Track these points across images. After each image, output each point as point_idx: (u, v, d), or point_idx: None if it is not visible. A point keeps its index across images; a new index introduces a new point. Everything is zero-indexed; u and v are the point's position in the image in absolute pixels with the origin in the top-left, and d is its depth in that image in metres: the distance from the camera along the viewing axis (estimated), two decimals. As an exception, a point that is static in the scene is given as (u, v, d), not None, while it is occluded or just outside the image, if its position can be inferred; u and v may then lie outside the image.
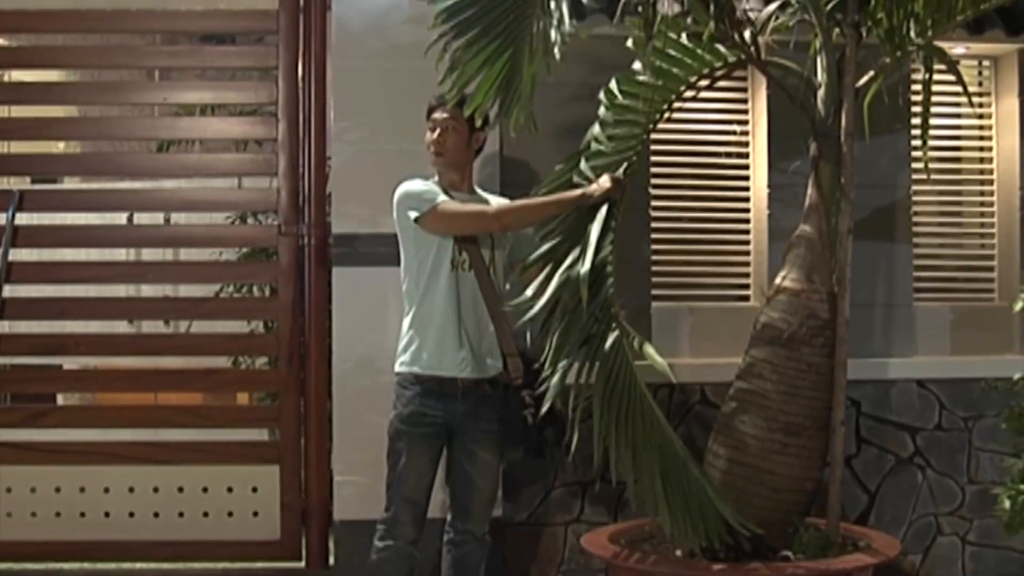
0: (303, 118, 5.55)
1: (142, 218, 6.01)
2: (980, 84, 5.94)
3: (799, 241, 4.73)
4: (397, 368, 4.66)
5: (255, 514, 5.56)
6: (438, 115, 4.65)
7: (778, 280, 4.74)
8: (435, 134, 4.65)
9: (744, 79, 5.74)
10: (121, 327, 5.99)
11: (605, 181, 4.58)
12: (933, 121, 5.76)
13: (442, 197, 4.56)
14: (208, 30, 5.82)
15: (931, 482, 5.69)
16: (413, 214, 4.54)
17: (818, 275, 4.66)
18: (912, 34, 4.70)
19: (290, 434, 5.54)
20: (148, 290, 6.37)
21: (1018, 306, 4.96)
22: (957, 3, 4.60)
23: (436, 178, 4.70)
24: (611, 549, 4.71)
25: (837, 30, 4.66)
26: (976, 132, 5.95)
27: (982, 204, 6.00)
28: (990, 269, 5.98)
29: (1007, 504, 4.60)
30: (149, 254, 6.38)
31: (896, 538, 5.23)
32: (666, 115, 4.83)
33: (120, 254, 6.20)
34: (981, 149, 5.98)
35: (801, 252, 4.71)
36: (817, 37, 4.71)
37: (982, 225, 6.00)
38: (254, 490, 5.55)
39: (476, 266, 4.62)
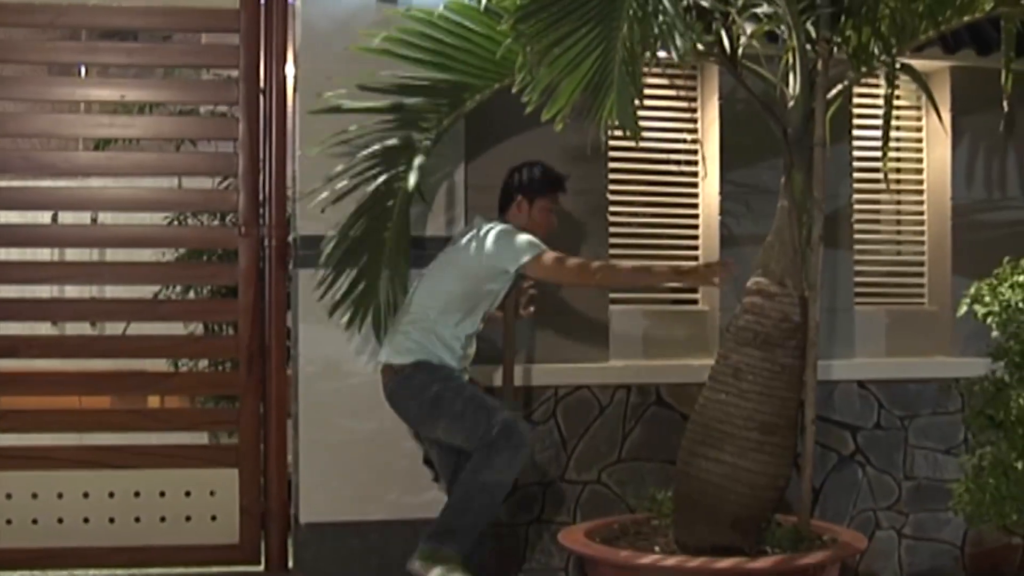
0: (264, 119, 5.51)
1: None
2: (919, 98, 6.22)
3: (771, 246, 4.89)
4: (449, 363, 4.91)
5: (213, 518, 5.47)
6: (556, 198, 5.07)
7: (751, 284, 4.90)
8: (554, 220, 5.08)
9: (694, 88, 5.93)
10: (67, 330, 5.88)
11: (710, 269, 4.87)
12: (869, 133, 6.09)
13: (537, 248, 4.83)
14: (167, 28, 5.74)
15: (870, 478, 5.94)
16: (525, 258, 4.80)
17: (790, 280, 4.83)
18: (877, 51, 4.92)
19: (249, 437, 5.48)
20: (73, 292, 6.24)
21: (962, 310, 5.22)
22: (920, 24, 4.83)
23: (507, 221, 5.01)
24: (592, 546, 4.82)
25: (809, 45, 4.85)
26: (910, 144, 6.23)
27: (914, 213, 6.28)
28: (921, 275, 6.26)
29: (967, 498, 4.85)
30: (75, 254, 6.27)
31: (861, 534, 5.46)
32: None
33: (68, 254, 6.07)
34: (913, 161, 6.26)
35: (774, 257, 4.87)
36: (789, 51, 4.89)
37: (913, 233, 6.28)
38: (212, 494, 5.47)
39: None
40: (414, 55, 5.00)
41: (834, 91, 4.92)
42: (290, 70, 5.52)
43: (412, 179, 4.99)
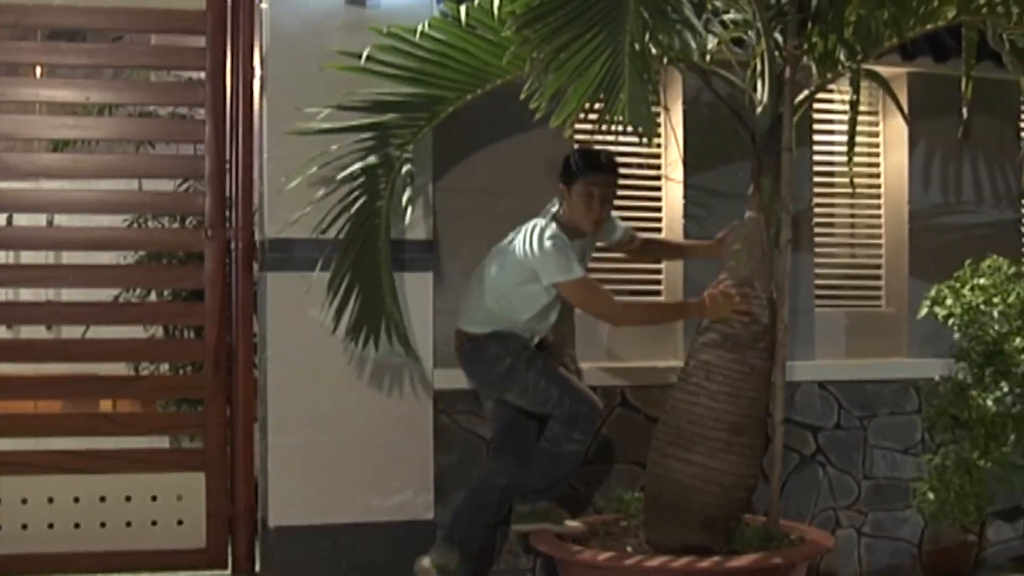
0: (230, 121, 5.49)
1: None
2: (876, 104, 6.32)
3: (741, 250, 4.96)
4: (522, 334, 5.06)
5: (180, 522, 5.45)
6: (602, 182, 4.99)
7: (721, 287, 4.95)
8: (597, 204, 4.99)
9: (658, 93, 5.98)
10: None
11: (723, 298, 4.85)
12: (828, 138, 6.19)
13: (581, 271, 4.90)
14: (132, 29, 5.67)
15: (831, 478, 6.03)
16: (558, 278, 4.87)
17: (759, 282, 4.89)
18: (843, 58, 5.01)
19: (216, 441, 5.46)
20: (29, 295, 6.17)
21: (922, 312, 5.35)
22: (885, 31, 4.92)
23: (559, 211, 5.04)
24: (567, 548, 4.85)
25: (776, 51, 4.92)
26: (868, 149, 6.33)
27: (872, 217, 6.39)
28: (878, 278, 6.37)
29: (931, 496, 4.95)
30: (30, 257, 6.20)
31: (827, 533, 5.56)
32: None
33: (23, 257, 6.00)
34: (871, 165, 6.36)
35: (743, 260, 4.94)
36: (758, 57, 4.96)
37: (871, 236, 6.39)
38: (179, 498, 5.44)
39: None
40: (390, 71, 5.01)
41: (800, 96, 5.00)
42: (257, 71, 5.50)
43: (405, 198, 5.11)
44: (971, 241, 6.19)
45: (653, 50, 4.08)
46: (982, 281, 5.13)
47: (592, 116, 4.32)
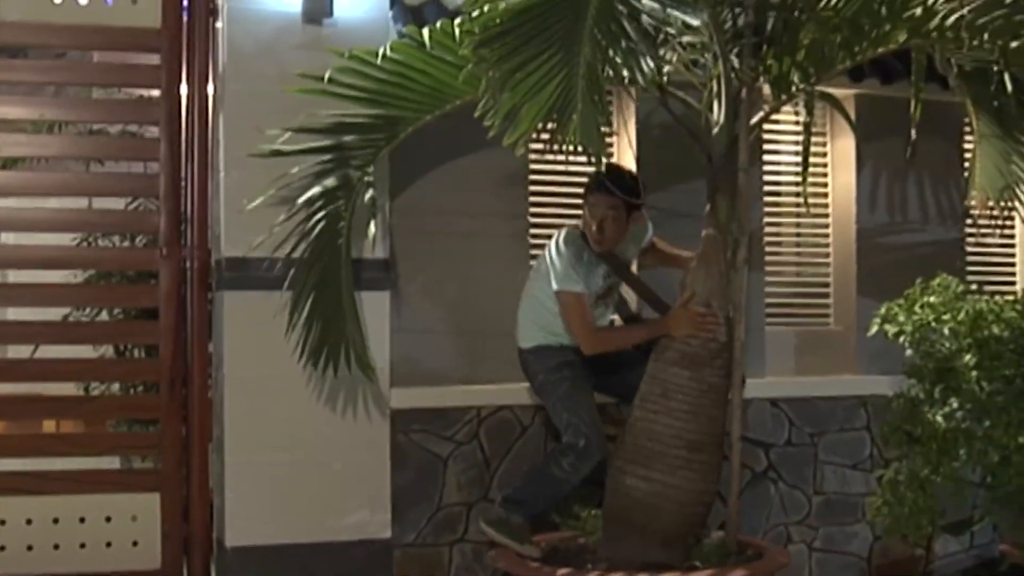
0: (186, 139, 5.46)
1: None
2: (824, 125, 6.43)
3: (698, 269, 5.02)
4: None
5: (135, 543, 5.37)
6: (596, 201, 5.12)
7: (688, 306, 5.00)
8: (596, 221, 5.11)
9: (611, 113, 6.04)
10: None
11: (687, 317, 4.94)
12: (778, 159, 6.29)
13: (579, 288, 5.06)
14: (87, 47, 5.63)
15: (782, 494, 6.10)
16: (556, 286, 5.08)
17: (716, 301, 4.96)
18: (796, 80, 5.09)
19: (172, 461, 5.41)
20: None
21: (873, 330, 5.43)
22: (837, 55, 5.01)
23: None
24: (527, 564, 4.88)
25: (732, 73, 4.99)
26: (816, 170, 6.41)
27: (820, 236, 6.48)
28: (827, 296, 6.46)
29: (885, 511, 5.03)
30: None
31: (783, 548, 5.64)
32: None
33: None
34: (820, 185, 6.45)
35: (700, 279, 5.00)
36: (714, 79, 5.03)
37: (819, 255, 6.48)
38: (134, 519, 5.37)
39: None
40: (350, 93, 5.04)
41: (756, 118, 5.08)
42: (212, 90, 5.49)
43: (372, 225, 5.17)
44: (917, 259, 6.32)
45: (610, 73, 4.10)
46: (932, 299, 5.23)
47: (545, 136, 4.34)
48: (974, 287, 5.45)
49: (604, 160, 4.98)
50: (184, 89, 5.48)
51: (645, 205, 5.27)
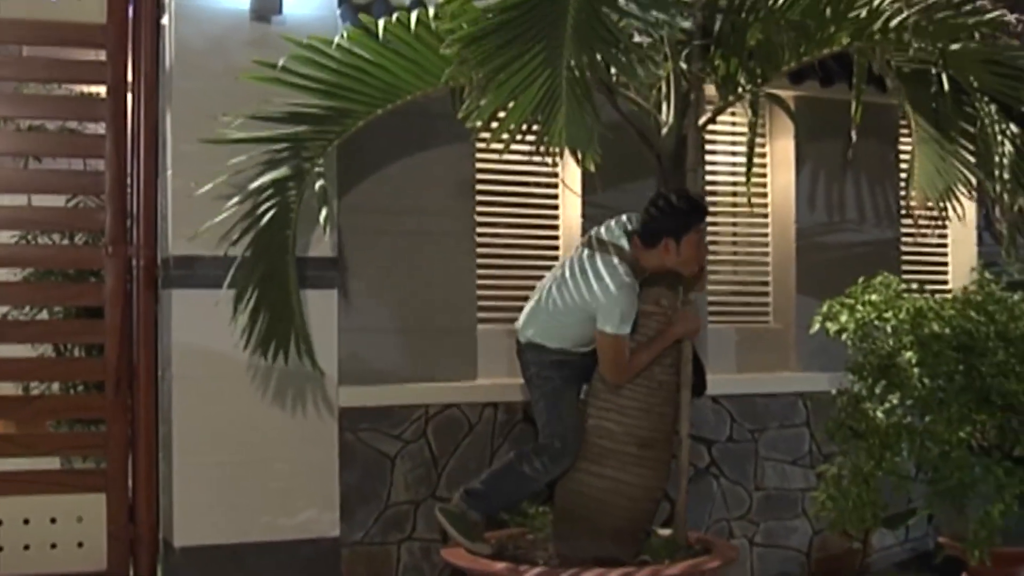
0: (132, 136, 5.41)
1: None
2: (763, 126, 6.51)
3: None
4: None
5: (80, 545, 5.33)
6: (702, 227, 4.99)
7: (642, 306, 5.05)
8: (702, 248, 5.03)
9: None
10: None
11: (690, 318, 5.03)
12: (717, 159, 6.37)
13: (627, 332, 4.85)
14: (30, 41, 5.54)
15: (724, 489, 6.19)
16: (608, 329, 4.82)
17: (666, 300, 5.02)
18: (743, 81, 5.17)
19: (117, 461, 5.36)
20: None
21: (814, 328, 5.54)
22: (783, 56, 5.09)
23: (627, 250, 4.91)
24: (483, 561, 4.90)
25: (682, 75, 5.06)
26: (755, 170, 6.46)
27: (759, 235, 6.58)
28: (766, 295, 6.57)
29: (829, 505, 5.13)
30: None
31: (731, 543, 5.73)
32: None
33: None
34: (758, 186, 6.53)
35: (649, 279, 5.05)
36: (663, 80, 5.09)
37: (759, 255, 6.58)
38: (79, 520, 5.32)
39: None
40: (303, 83, 5.02)
41: (704, 118, 5.15)
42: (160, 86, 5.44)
43: (322, 215, 5.08)
44: (854, 259, 6.45)
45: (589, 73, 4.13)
46: (874, 297, 5.34)
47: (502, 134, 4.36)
48: (915, 286, 5.56)
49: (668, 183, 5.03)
50: (130, 85, 5.42)
51: None
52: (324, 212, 5.10)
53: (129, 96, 5.43)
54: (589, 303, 4.89)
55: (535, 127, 4.22)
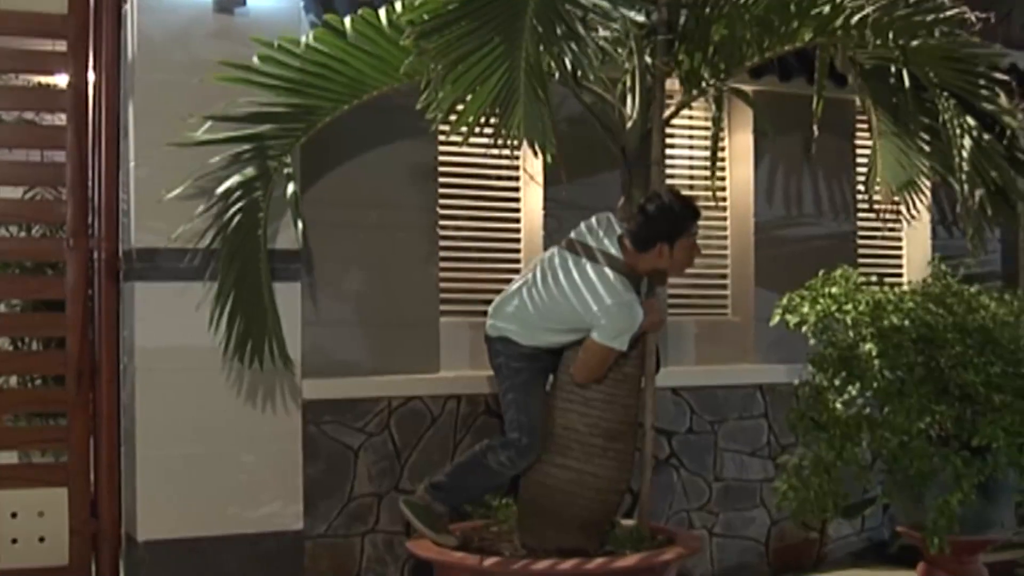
0: (93, 128, 5.36)
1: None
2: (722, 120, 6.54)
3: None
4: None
5: (42, 539, 5.26)
6: (696, 229, 5.00)
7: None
8: (694, 250, 5.04)
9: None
10: None
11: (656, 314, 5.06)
12: (676, 152, 6.41)
13: (621, 346, 4.86)
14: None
15: (684, 481, 6.24)
16: (604, 341, 4.83)
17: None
18: (707, 75, 5.21)
19: (79, 455, 5.32)
20: None
21: (775, 320, 5.60)
22: (746, 51, 5.15)
23: (617, 258, 4.91)
24: (449, 552, 4.92)
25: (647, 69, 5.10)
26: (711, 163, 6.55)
27: (718, 229, 6.64)
28: (725, 287, 6.63)
29: (792, 495, 5.19)
30: None
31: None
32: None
33: None
34: (717, 179, 6.57)
35: (614, 271, 5.09)
36: (628, 74, 5.13)
37: (718, 248, 6.63)
38: (41, 515, 5.26)
39: None
40: (269, 82, 5.02)
41: (668, 113, 5.19)
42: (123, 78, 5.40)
43: (291, 212, 5.10)
44: (811, 252, 6.53)
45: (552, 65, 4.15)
46: (834, 290, 5.40)
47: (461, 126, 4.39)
48: (874, 279, 5.64)
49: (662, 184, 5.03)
50: (91, 77, 5.38)
51: None
52: (294, 214, 5.11)
53: (90, 87, 5.38)
54: (580, 314, 4.90)
55: (493, 119, 4.23)
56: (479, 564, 4.77)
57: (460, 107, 4.23)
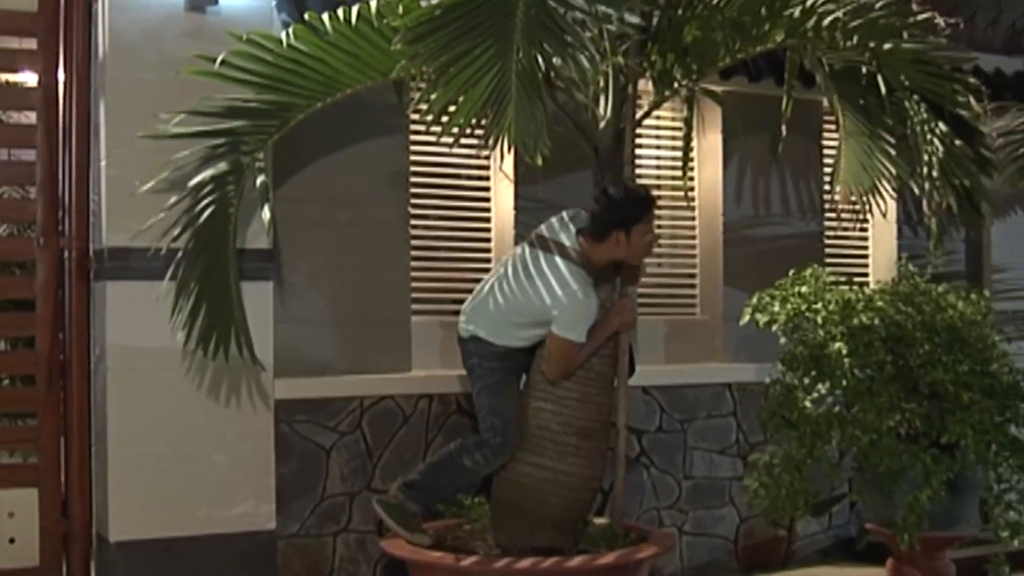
0: (63, 126, 5.33)
1: None
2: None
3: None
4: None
5: (12, 541, 5.23)
6: (650, 218, 5.01)
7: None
8: (651, 239, 5.05)
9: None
10: None
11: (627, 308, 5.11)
12: (644, 152, 6.45)
13: (582, 339, 4.91)
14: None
15: (654, 479, 6.28)
16: (568, 335, 4.88)
17: (603, 291, 5.09)
18: (679, 76, 5.25)
19: (50, 455, 5.29)
20: None
21: (744, 319, 5.63)
22: (718, 52, 5.18)
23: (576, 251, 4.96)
24: (425, 552, 4.93)
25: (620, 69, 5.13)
26: (680, 163, 6.57)
27: (687, 228, 6.67)
28: (693, 287, 6.67)
29: (763, 492, 5.23)
30: None
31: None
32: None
33: None
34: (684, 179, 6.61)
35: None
36: (602, 75, 5.14)
37: (686, 247, 6.66)
38: (11, 515, 5.22)
39: None
40: (243, 77, 5.00)
41: (641, 113, 5.22)
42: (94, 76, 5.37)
43: (267, 215, 5.10)
44: (779, 252, 6.58)
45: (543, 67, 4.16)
46: (803, 289, 5.45)
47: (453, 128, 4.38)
48: (844, 278, 5.69)
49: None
50: (61, 75, 5.35)
51: None
52: (267, 211, 5.09)
53: (60, 85, 5.35)
54: (539, 308, 4.94)
55: (484, 121, 4.23)
56: (456, 563, 4.77)
57: (452, 109, 4.23)
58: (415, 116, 5.53)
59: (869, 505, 5.52)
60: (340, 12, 4.86)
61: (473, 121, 4.21)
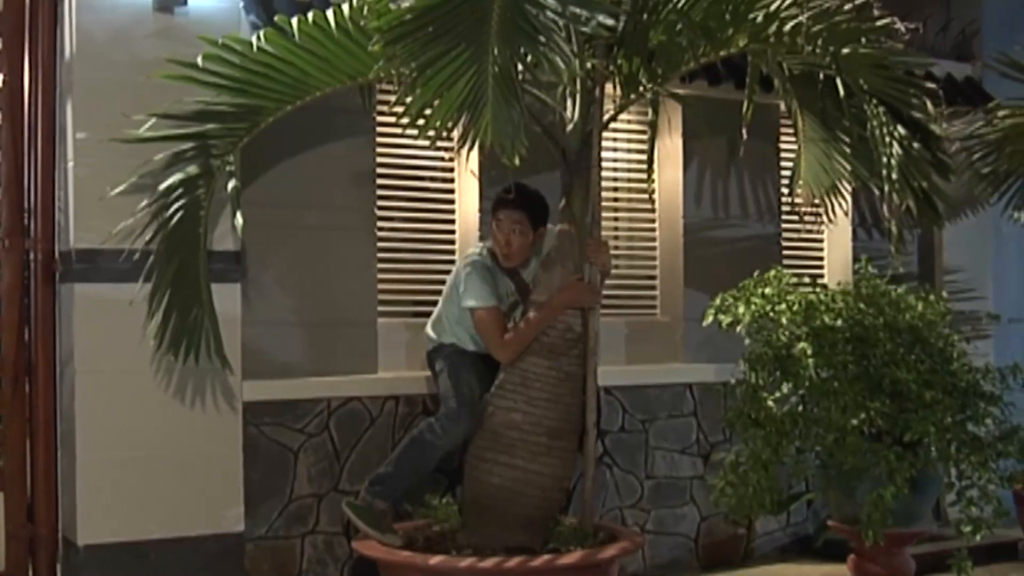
0: (28, 128, 5.30)
1: None
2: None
3: (553, 261, 5.19)
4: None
5: (-24, 546, 5.22)
6: (504, 216, 5.25)
7: (536, 297, 5.17)
8: (503, 235, 5.27)
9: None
10: None
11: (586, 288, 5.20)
12: (607, 155, 6.49)
13: (491, 303, 5.23)
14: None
15: (617, 479, 6.34)
16: (469, 303, 5.24)
17: (560, 278, 5.14)
18: (644, 79, 5.31)
19: (16, 459, 5.25)
20: None
21: (708, 320, 5.71)
22: (683, 56, 5.25)
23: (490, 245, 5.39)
24: (395, 551, 4.95)
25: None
26: (643, 166, 6.60)
27: (647, 231, 6.73)
28: (654, 288, 6.73)
29: (730, 491, 5.31)
30: None
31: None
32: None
33: None
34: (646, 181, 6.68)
35: (556, 272, 5.17)
36: (568, 78, 5.18)
37: (647, 249, 6.73)
38: (-24, 521, 5.22)
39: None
40: (213, 80, 5.00)
41: (608, 116, 5.27)
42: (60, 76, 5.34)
43: (239, 219, 5.09)
44: (739, 253, 6.69)
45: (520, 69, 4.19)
46: (767, 291, 5.54)
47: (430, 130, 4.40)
48: (807, 280, 5.78)
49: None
50: (27, 75, 5.31)
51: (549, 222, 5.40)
52: (239, 216, 5.08)
53: (27, 85, 5.31)
54: (454, 297, 5.37)
55: (460, 122, 4.26)
56: (426, 563, 4.80)
57: (428, 111, 4.26)
58: (385, 119, 5.56)
59: (832, 503, 5.61)
60: (310, 15, 4.88)
61: (449, 124, 4.24)
